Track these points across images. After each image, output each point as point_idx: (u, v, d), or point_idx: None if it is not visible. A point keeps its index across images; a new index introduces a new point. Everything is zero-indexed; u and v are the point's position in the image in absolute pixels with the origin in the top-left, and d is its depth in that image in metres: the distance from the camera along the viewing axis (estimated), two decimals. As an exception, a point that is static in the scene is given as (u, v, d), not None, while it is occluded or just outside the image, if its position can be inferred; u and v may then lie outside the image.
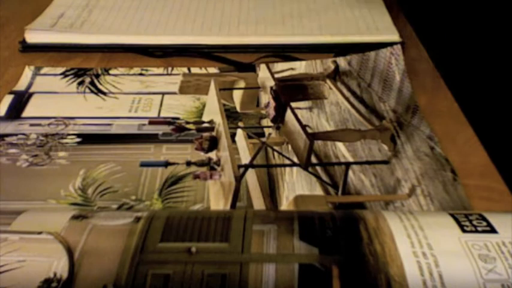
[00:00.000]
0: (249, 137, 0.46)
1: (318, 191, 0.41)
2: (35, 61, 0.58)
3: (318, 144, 0.45)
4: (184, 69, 0.56)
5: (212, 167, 0.43)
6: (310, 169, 0.42)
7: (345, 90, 0.52)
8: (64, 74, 0.56)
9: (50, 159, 0.44)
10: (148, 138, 0.47)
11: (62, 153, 0.45)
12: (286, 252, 0.25)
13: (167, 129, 0.48)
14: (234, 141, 0.46)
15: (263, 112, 0.50)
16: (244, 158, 0.44)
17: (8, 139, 0.46)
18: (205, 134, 0.47)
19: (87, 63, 0.58)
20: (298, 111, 0.48)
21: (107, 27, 0.61)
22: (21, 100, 0.52)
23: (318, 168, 0.43)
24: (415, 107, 0.48)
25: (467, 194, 0.39)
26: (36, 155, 0.44)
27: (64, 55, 0.59)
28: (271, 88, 0.51)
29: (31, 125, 0.48)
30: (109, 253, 0.25)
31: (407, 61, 0.54)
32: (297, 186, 0.42)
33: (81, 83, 0.54)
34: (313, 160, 0.44)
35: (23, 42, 0.59)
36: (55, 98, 0.52)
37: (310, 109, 0.51)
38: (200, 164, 0.44)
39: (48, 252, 0.26)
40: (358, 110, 0.48)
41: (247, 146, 0.45)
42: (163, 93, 0.53)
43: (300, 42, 0.59)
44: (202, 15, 0.64)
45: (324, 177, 0.42)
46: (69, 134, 0.47)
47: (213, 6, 0.66)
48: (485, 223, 0.27)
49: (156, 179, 0.42)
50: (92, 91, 0.53)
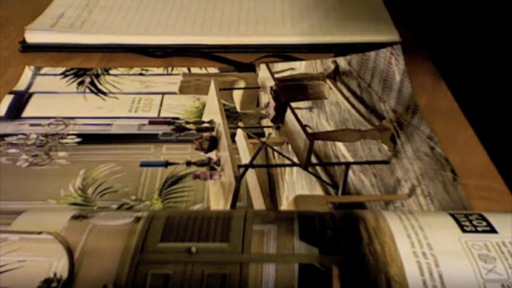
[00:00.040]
0: (249, 137, 0.46)
1: (318, 191, 0.41)
2: (35, 61, 0.58)
3: (318, 144, 0.45)
4: (184, 69, 0.56)
5: (212, 167, 0.43)
6: (310, 169, 0.42)
7: (345, 90, 0.52)
8: (64, 74, 0.56)
9: (50, 159, 0.44)
10: (148, 138, 0.47)
11: (62, 153, 0.45)
12: (286, 252, 0.25)
13: (167, 129, 0.48)
14: (234, 141, 0.46)
15: (263, 112, 0.50)
16: (244, 158, 0.44)
17: (8, 139, 0.46)
18: (205, 134, 0.47)
19: (87, 63, 0.58)
20: (298, 111, 0.48)
21: (107, 27, 0.61)
22: (21, 100, 0.52)
23: (318, 168, 0.43)
24: (415, 107, 0.48)
25: (467, 194, 0.39)
26: (36, 155, 0.44)
27: (64, 55, 0.59)
28: (271, 88, 0.51)
29: (31, 125, 0.48)
30: (109, 253, 0.25)
31: (407, 61, 0.54)
32: (297, 186, 0.42)
33: (81, 83, 0.54)
34: (313, 160, 0.44)
35: (23, 42, 0.59)
36: (55, 98, 0.52)
37: (310, 109, 0.51)
38: (200, 164, 0.44)
39: (48, 252, 0.26)
40: (358, 110, 0.48)
41: (247, 146, 0.45)
42: (163, 93, 0.53)
43: (300, 42, 0.59)
44: (202, 15, 0.64)
45: (324, 177, 0.42)
46: (69, 134, 0.47)
47: (213, 6, 0.66)
48: (485, 223, 0.27)
49: (156, 179, 0.42)
50: (92, 91, 0.53)
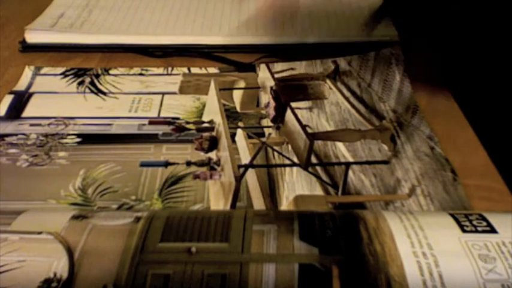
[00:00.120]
0: (249, 137, 0.46)
1: (318, 191, 0.41)
2: (35, 61, 0.58)
3: (318, 144, 0.45)
4: (184, 69, 0.56)
5: (212, 167, 0.43)
6: (310, 169, 0.42)
7: (345, 90, 0.52)
8: (64, 74, 0.56)
9: (50, 159, 0.44)
10: (148, 138, 0.47)
11: (62, 153, 0.45)
12: (286, 252, 0.25)
13: (167, 129, 0.48)
14: (234, 141, 0.46)
15: (263, 112, 0.50)
16: (244, 158, 0.44)
17: (8, 139, 0.46)
18: (205, 134, 0.47)
19: (87, 63, 0.58)
20: (298, 111, 0.48)
21: (107, 27, 0.61)
22: (21, 100, 0.52)
23: (318, 168, 0.43)
24: (415, 107, 0.48)
25: (467, 194, 0.39)
26: (36, 155, 0.44)
27: (64, 55, 0.59)
28: (271, 88, 0.51)
29: (31, 125, 0.48)
30: (109, 253, 0.25)
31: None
32: (297, 186, 0.42)
33: (81, 83, 0.54)
34: (313, 160, 0.44)
35: (23, 42, 0.59)
36: (55, 98, 0.52)
37: (310, 109, 0.51)
38: (200, 164, 0.44)
39: (48, 252, 0.26)
40: (358, 110, 0.48)
41: (247, 146, 0.45)
42: (163, 93, 0.53)
43: (300, 42, 0.59)
44: (202, 15, 0.64)
45: (324, 177, 0.42)
46: (69, 134, 0.47)
47: (213, 6, 0.66)
48: (485, 223, 0.27)
49: (156, 179, 0.42)
50: (92, 91, 0.53)
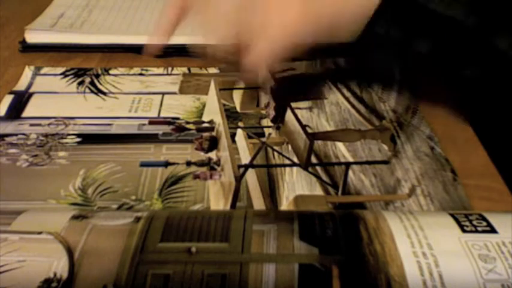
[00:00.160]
0: (249, 137, 0.46)
1: (318, 191, 0.41)
2: (35, 61, 0.58)
3: (318, 144, 0.45)
4: (184, 69, 0.56)
5: (212, 167, 0.43)
6: (310, 169, 0.42)
7: (344, 90, 0.52)
8: (64, 74, 0.56)
9: (50, 159, 0.44)
10: (148, 138, 0.47)
11: (62, 153, 0.45)
12: (286, 252, 0.25)
13: (167, 129, 0.48)
14: (234, 141, 0.46)
15: (263, 112, 0.50)
16: (244, 158, 0.44)
17: (8, 139, 0.46)
18: (205, 134, 0.47)
19: (87, 63, 0.58)
20: (298, 111, 0.48)
21: (107, 27, 0.61)
22: (21, 100, 0.52)
23: (318, 168, 0.43)
24: (415, 107, 0.48)
25: (467, 194, 0.39)
26: (36, 155, 0.44)
27: (64, 55, 0.59)
28: (271, 88, 0.51)
29: (31, 125, 0.48)
30: (109, 253, 0.25)
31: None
32: (297, 186, 0.42)
33: (81, 83, 0.54)
34: (313, 160, 0.44)
35: (23, 42, 0.59)
36: (55, 98, 0.52)
37: (310, 109, 0.51)
38: (200, 164, 0.44)
39: (48, 252, 0.26)
40: (358, 110, 0.48)
41: (247, 146, 0.45)
42: (163, 93, 0.53)
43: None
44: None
45: (324, 177, 0.42)
46: (69, 134, 0.47)
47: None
48: (485, 223, 0.27)
49: (156, 179, 0.42)
50: (92, 91, 0.53)
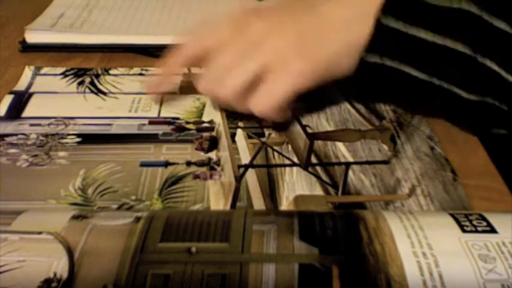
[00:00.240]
0: (249, 137, 0.46)
1: (318, 191, 0.41)
2: (35, 61, 0.58)
3: (318, 144, 0.45)
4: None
5: (212, 167, 0.43)
6: (310, 169, 0.42)
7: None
8: (64, 74, 0.56)
9: (50, 159, 0.44)
10: (148, 138, 0.47)
11: (62, 153, 0.45)
12: (286, 252, 0.25)
13: (167, 129, 0.48)
14: (234, 141, 0.46)
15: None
16: (244, 158, 0.44)
17: (8, 139, 0.46)
18: (205, 134, 0.47)
19: (87, 63, 0.58)
20: (298, 111, 0.48)
21: (107, 27, 0.61)
22: (21, 100, 0.52)
23: (318, 168, 0.43)
24: (415, 107, 0.48)
25: (467, 194, 0.39)
26: (36, 155, 0.44)
27: (64, 55, 0.59)
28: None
29: (31, 125, 0.48)
30: (109, 253, 0.25)
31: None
32: (297, 186, 0.42)
33: (81, 83, 0.54)
34: (313, 160, 0.44)
35: (23, 42, 0.59)
36: (55, 98, 0.52)
37: (310, 109, 0.51)
38: (200, 164, 0.44)
39: (48, 252, 0.26)
40: (358, 110, 0.48)
41: (247, 146, 0.45)
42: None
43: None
44: (203, 15, 0.64)
45: (324, 177, 0.42)
46: (69, 134, 0.47)
47: (213, 6, 0.66)
48: (485, 223, 0.27)
49: (156, 179, 0.42)
50: (92, 91, 0.53)
